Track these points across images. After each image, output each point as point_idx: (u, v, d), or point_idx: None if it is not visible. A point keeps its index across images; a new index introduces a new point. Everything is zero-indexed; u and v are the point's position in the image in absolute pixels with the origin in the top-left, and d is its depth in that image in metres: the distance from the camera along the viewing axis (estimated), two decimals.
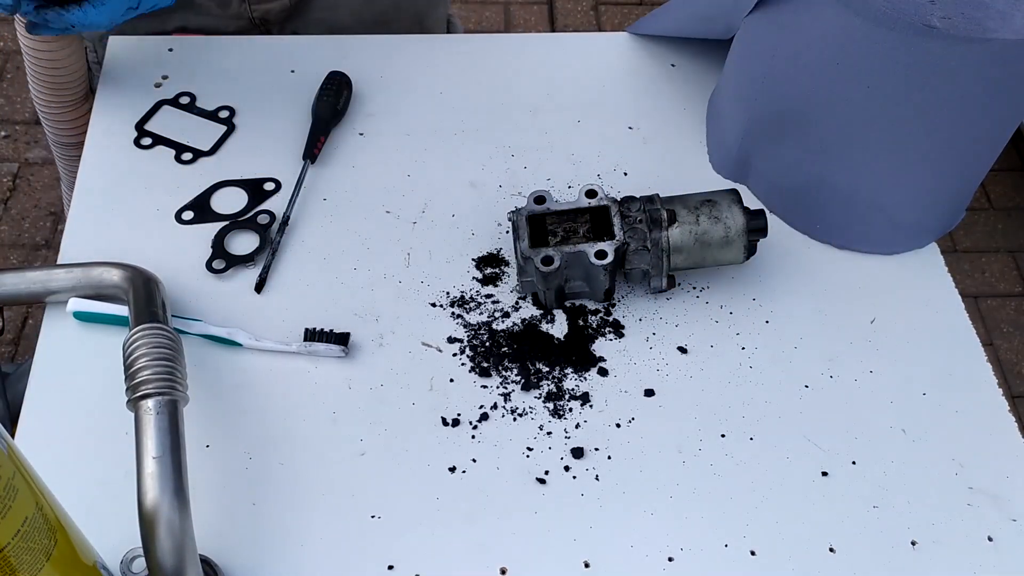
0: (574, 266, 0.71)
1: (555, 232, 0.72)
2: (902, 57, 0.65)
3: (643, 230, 0.70)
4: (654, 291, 0.74)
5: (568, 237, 0.71)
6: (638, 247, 0.70)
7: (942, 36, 0.62)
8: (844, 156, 0.74)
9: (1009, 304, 1.89)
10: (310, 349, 0.70)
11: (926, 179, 0.75)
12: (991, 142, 0.73)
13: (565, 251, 0.70)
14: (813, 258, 0.79)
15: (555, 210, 0.72)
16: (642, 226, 0.70)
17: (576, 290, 0.74)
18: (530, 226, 0.71)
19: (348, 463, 0.66)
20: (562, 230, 0.72)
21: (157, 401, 0.58)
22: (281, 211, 0.78)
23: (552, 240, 0.71)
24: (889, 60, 0.65)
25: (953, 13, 0.62)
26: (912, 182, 0.75)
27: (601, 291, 0.73)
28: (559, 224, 0.72)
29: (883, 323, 0.75)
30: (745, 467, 0.67)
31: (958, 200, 0.79)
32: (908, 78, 0.66)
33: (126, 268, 0.70)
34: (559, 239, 0.71)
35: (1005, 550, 0.64)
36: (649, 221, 0.70)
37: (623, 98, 0.89)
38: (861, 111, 0.70)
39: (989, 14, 0.62)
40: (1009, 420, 0.71)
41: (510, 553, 0.63)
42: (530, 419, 0.69)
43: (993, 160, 0.75)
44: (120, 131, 0.84)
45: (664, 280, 0.72)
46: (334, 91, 0.84)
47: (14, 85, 2.06)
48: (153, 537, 0.54)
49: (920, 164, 0.73)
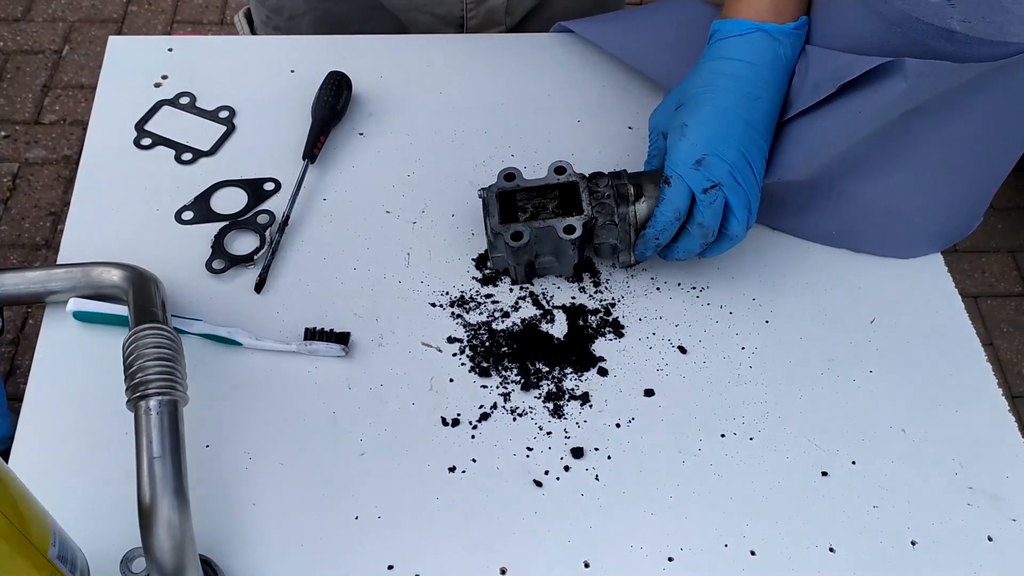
0: (544, 241, 0.72)
1: (524, 208, 0.73)
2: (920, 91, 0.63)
3: (611, 205, 0.71)
4: (623, 265, 0.74)
5: (537, 213, 0.72)
6: (606, 222, 0.71)
7: (962, 40, 0.61)
8: (862, 162, 0.73)
9: (1009, 304, 1.89)
10: (310, 349, 0.70)
11: (944, 184, 0.74)
12: (1010, 147, 0.72)
13: (534, 226, 0.70)
14: (813, 258, 0.79)
15: (524, 187, 0.73)
16: (610, 201, 0.71)
17: (546, 265, 0.74)
18: (500, 202, 0.72)
19: (348, 463, 0.66)
20: (531, 206, 0.73)
21: (157, 401, 0.58)
22: (281, 211, 0.78)
23: (522, 216, 0.72)
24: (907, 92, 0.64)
25: (973, 17, 0.62)
26: (930, 187, 0.74)
27: (570, 266, 0.74)
28: (528, 200, 0.73)
29: (883, 323, 0.75)
30: (745, 467, 0.67)
31: (976, 204, 0.78)
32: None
33: (126, 268, 0.70)
34: (528, 215, 0.72)
35: (1005, 550, 0.65)
36: (616, 196, 0.71)
37: (623, 98, 0.89)
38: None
39: (1009, 18, 0.62)
40: (1009, 420, 0.71)
41: (510, 553, 0.63)
42: (530, 419, 0.69)
43: (1012, 164, 0.74)
44: (120, 131, 0.84)
45: (632, 255, 0.72)
46: (334, 91, 0.84)
47: (14, 85, 2.06)
48: (153, 537, 0.54)
49: (938, 169, 0.72)
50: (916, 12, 0.62)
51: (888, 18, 0.64)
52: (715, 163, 0.67)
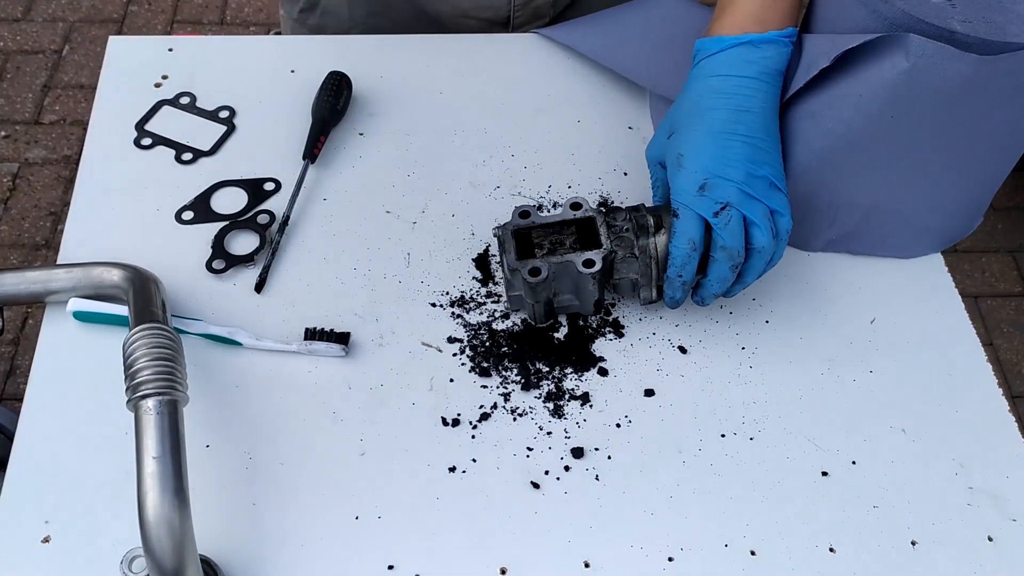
0: (562, 278, 0.70)
1: (541, 245, 0.70)
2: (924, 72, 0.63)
3: (630, 238, 0.69)
4: (644, 302, 0.72)
5: (555, 249, 0.70)
6: (626, 255, 0.69)
7: (962, 40, 0.61)
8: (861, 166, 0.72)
9: (1009, 304, 1.89)
10: (310, 349, 0.70)
11: (946, 184, 0.74)
12: (1011, 147, 0.72)
13: (553, 262, 0.68)
14: (813, 258, 0.79)
15: (540, 223, 0.71)
16: (629, 234, 0.69)
17: (565, 303, 0.72)
18: (516, 240, 0.70)
19: (348, 463, 0.66)
20: (548, 242, 0.70)
21: (157, 401, 0.57)
22: (281, 211, 0.78)
23: (539, 253, 0.70)
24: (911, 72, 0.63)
25: (973, 17, 0.62)
26: (932, 188, 0.74)
27: (591, 303, 0.72)
28: (545, 237, 0.71)
29: (883, 323, 0.75)
30: (745, 467, 0.67)
31: (977, 204, 0.78)
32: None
33: (126, 268, 0.70)
34: (546, 251, 0.70)
35: (1005, 550, 0.65)
36: (636, 228, 0.69)
37: (623, 98, 0.89)
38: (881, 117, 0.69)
39: (1010, 18, 0.62)
40: (1009, 420, 0.71)
41: (510, 553, 0.63)
42: (530, 419, 0.69)
43: (1013, 164, 0.74)
44: (120, 131, 0.84)
45: (654, 291, 0.70)
46: (334, 91, 0.84)
47: (14, 85, 2.06)
48: (153, 537, 0.54)
49: (941, 169, 0.72)
50: (917, 12, 0.62)
51: (889, 19, 0.63)
52: (719, 185, 0.65)
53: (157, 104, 0.86)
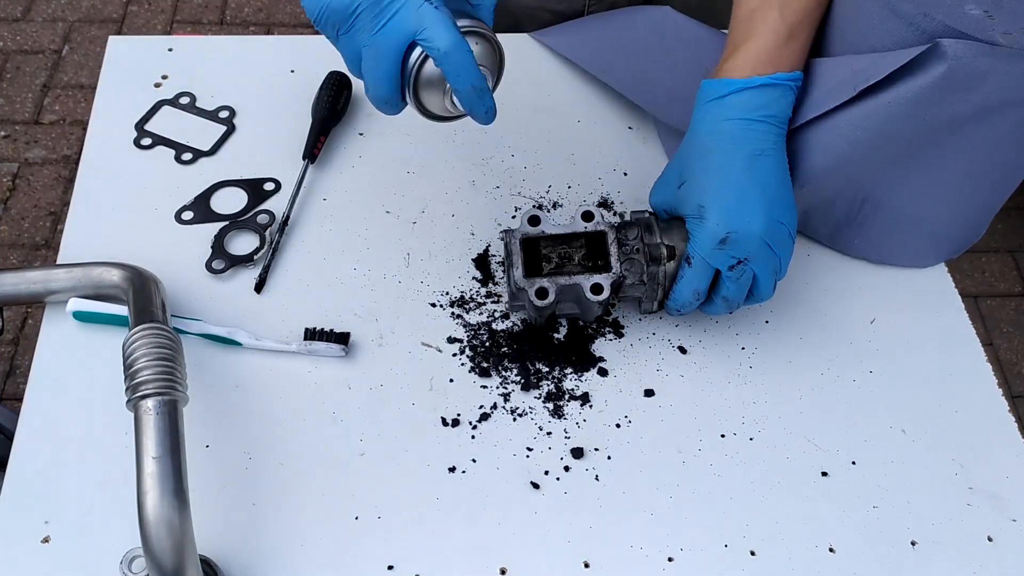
0: (568, 294, 0.69)
1: (549, 258, 0.69)
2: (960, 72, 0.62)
3: (640, 262, 0.68)
4: (644, 313, 0.72)
5: (563, 264, 0.69)
6: (635, 281, 0.68)
7: (1005, 53, 0.59)
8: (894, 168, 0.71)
9: (1009, 304, 1.89)
10: (310, 349, 0.70)
11: (965, 191, 0.73)
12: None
13: (560, 283, 0.68)
14: (813, 258, 0.79)
15: (550, 234, 0.69)
16: (639, 257, 0.68)
17: (567, 311, 0.72)
18: (524, 251, 0.69)
19: (348, 463, 0.66)
20: (556, 256, 0.69)
21: (157, 401, 0.57)
22: (281, 211, 0.78)
23: (546, 266, 0.69)
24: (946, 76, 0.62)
25: (1013, 28, 0.59)
26: (953, 195, 0.73)
27: (592, 316, 0.72)
28: (553, 249, 0.69)
29: (883, 323, 0.75)
30: (745, 467, 0.67)
31: (989, 212, 0.77)
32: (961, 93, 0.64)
33: (126, 268, 0.70)
34: (554, 265, 0.69)
35: (1005, 550, 0.65)
36: (647, 257, 0.68)
37: (623, 98, 0.89)
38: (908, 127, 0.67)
39: None
40: (1009, 420, 0.71)
41: (510, 553, 0.63)
42: (530, 419, 0.69)
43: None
44: (120, 131, 0.84)
45: (655, 305, 0.70)
46: (334, 91, 0.84)
47: (14, 85, 2.06)
48: (153, 537, 0.54)
49: (963, 176, 0.71)
50: (958, 25, 0.60)
51: (928, 31, 0.62)
52: (741, 239, 0.64)
53: (157, 104, 0.86)
